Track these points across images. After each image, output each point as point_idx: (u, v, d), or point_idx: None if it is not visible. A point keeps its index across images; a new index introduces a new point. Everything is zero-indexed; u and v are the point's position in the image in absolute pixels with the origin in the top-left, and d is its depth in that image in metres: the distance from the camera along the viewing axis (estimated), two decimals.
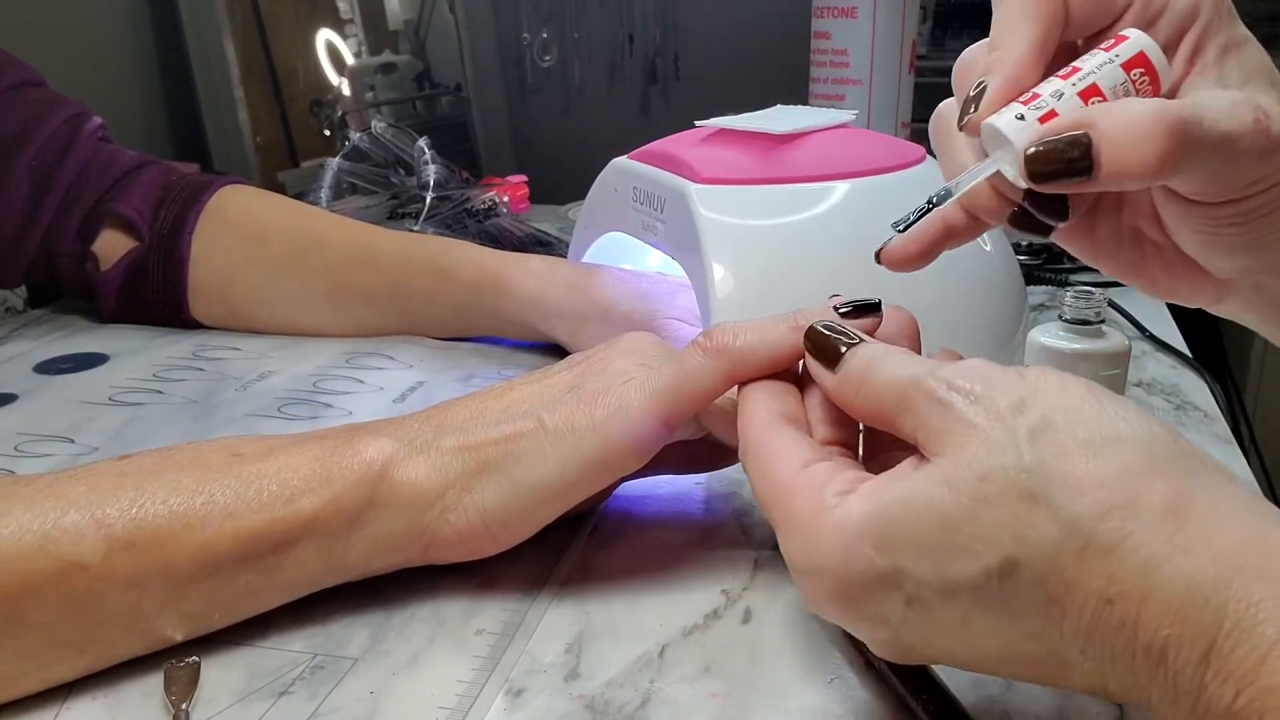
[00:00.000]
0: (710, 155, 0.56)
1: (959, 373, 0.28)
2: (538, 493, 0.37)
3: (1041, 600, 0.25)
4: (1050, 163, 0.30)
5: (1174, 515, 0.24)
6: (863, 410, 0.31)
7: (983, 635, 0.27)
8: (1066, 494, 0.25)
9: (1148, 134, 0.29)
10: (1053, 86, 0.32)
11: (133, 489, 0.35)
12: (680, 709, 0.33)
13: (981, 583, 0.26)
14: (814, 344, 0.33)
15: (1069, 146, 0.30)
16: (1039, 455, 0.25)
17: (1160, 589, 0.24)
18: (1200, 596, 0.23)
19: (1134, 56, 0.32)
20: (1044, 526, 0.25)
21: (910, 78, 0.97)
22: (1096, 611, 0.25)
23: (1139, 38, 0.32)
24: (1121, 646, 0.24)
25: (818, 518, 0.28)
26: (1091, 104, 0.31)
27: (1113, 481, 0.25)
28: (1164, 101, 0.30)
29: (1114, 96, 0.32)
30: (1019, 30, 0.33)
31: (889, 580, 0.27)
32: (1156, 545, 0.24)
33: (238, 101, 1.15)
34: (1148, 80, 0.32)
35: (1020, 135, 0.31)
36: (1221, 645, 0.23)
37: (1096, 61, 0.32)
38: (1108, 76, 0.32)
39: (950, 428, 0.27)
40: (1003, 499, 0.25)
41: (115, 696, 0.34)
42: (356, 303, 0.67)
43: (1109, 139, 0.30)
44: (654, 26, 1.36)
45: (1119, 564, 0.24)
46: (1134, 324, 0.69)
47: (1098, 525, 0.24)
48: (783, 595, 0.39)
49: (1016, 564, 0.25)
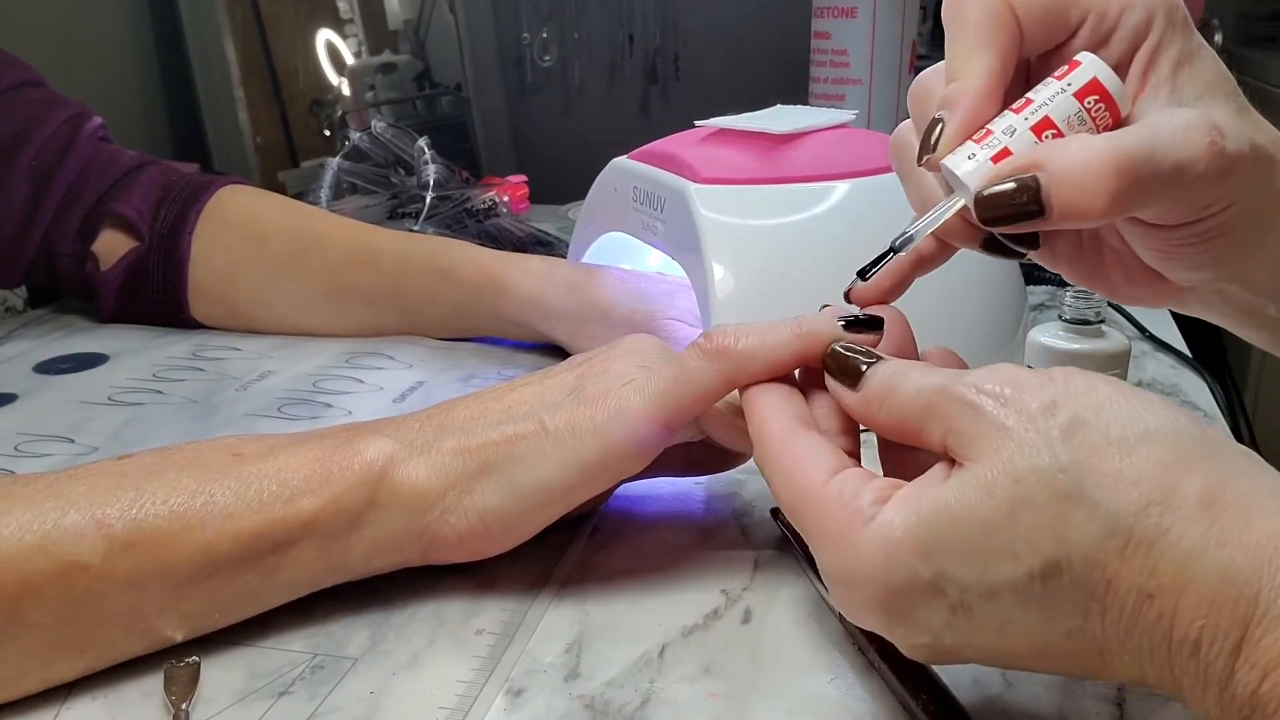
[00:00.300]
0: (710, 155, 0.56)
1: (987, 377, 0.28)
2: (538, 494, 0.37)
3: (1083, 599, 0.25)
4: (1001, 207, 0.31)
5: (1209, 508, 0.25)
6: (885, 423, 0.31)
7: (1023, 635, 0.27)
8: (1104, 491, 0.25)
9: (1097, 176, 0.29)
10: (1006, 122, 0.32)
11: (133, 489, 0.35)
12: (680, 709, 0.33)
13: (1024, 585, 0.26)
14: (835, 364, 0.33)
15: (1019, 192, 0.30)
16: (1074, 455, 0.26)
17: (1197, 582, 0.24)
18: (1235, 588, 0.24)
19: (1087, 84, 0.31)
20: (1084, 525, 0.25)
21: (910, 78, 0.97)
22: (1136, 606, 0.25)
23: (1091, 64, 0.31)
24: (1159, 639, 0.25)
25: (855, 529, 0.28)
26: (1045, 137, 0.31)
27: (1148, 477, 0.25)
28: (1112, 139, 0.30)
29: (1068, 128, 0.31)
30: (974, 60, 0.32)
31: (932, 588, 0.27)
32: (1194, 538, 0.24)
33: (238, 101, 1.15)
34: (1103, 107, 0.31)
35: (973, 177, 0.32)
36: (1252, 634, 0.23)
37: (1049, 92, 0.32)
38: (1060, 108, 0.31)
39: (983, 431, 0.27)
40: (1041, 500, 0.26)
41: (115, 696, 0.34)
42: (356, 303, 0.67)
43: (1057, 183, 0.30)
44: (654, 26, 1.35)
45: (1159, 558, 0.24)
46: (1134, 324, 0.69)
47: (1137, 521, 0.25)
48: (783, 595, 0.39)
49: (1058, 564, 0.25)
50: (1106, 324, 0.50)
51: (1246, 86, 0.33)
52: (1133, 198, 0.30)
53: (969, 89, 0.32)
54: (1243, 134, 0.31)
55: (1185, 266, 0.35)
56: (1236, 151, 0.31)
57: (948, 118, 0.32)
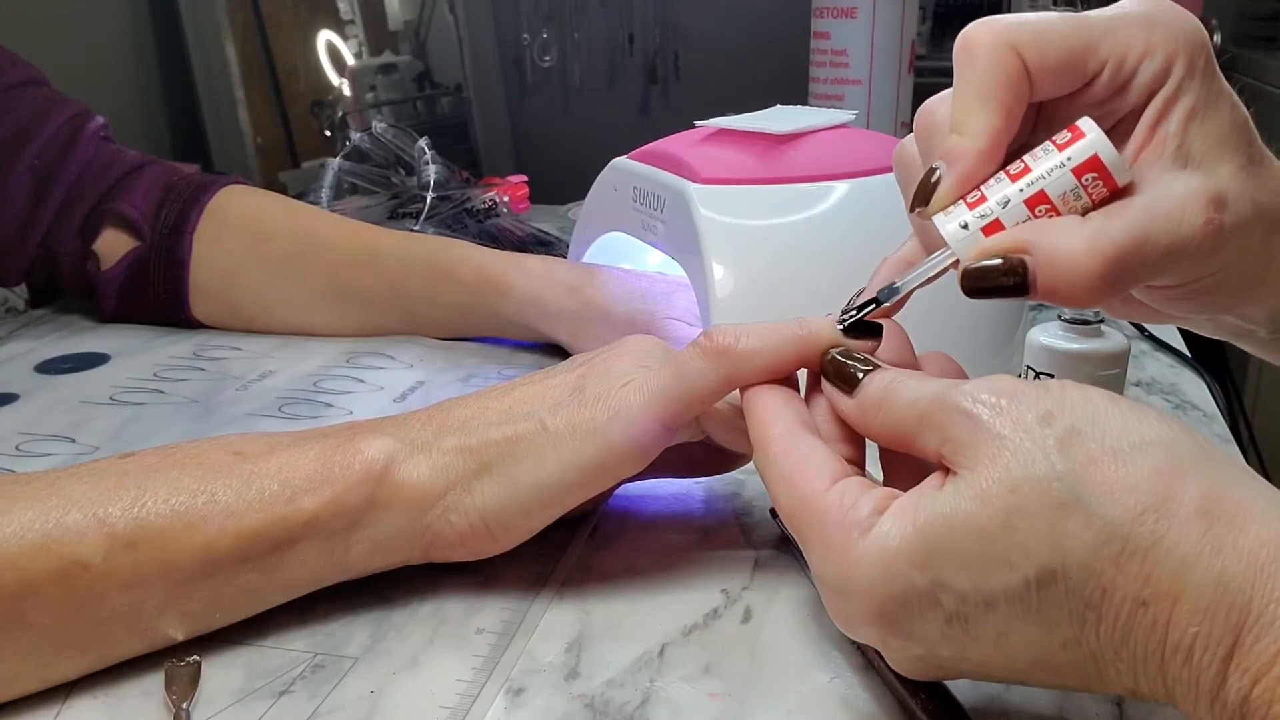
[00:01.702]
0: (710, 155, 0.57)
1: (984, 387, 0.28)
2: (538, 494, 0.37)
3: (1079, 607, 0.25)
4: (987, 281, 0.31)
5: (1204, 515, 0.25)
6: (880, 432, 0.31)
7: (1019, 646, 0.27)
8: (1100, 499, 0.25)
9: (1084, 268, 0.29)
10: (1001, 191, 0.32)
11: (134, 488, 0.35)
12: (680, 708, 0.33)
13: (1020, 594, 0.26)
14: (833, 370, 0.33)
15: (1005, 272, 0.30)
16: (1069, 464, 0.26)
17: (1192, 589, 0.24)
18: (1229, 594, 0.24)
19: (1086, 161, 0.31)
20: (1080, 533, 0.25)
21: (910, 78, 0.98)
22: (1131, 614, 0.25)
23: (1093, 139, 0.31)
24: (1153, 647, 0.25)
25: (853, 539, 0.28)
26: (1038, 212, 0.31)
27: (1143, 485, 0.25)
28: (1104, 232, 0.29)
29: (1063, 203, 0.31)
30: (978, 117, 0.32)
31: (929, 599, 0.27)
32: (1189, 545, 0.24)
33: (238, 102, 1.15)
34: (1100, 183, 0.31)
35: (963, 247, 0.32)
36: (1244, 640, 0.24)
37: (1048, 165, 0.31)
38: (1057, 183, 0.31)
39: (979, 440, 0.27)
40: (1036, 508, 0.26)
41: (115, 695, 0.34)
42: (356, 303, 0.67)
43: (1044, 268, 0.30)
44: (654, 26, 1.36)
45: (1154, 566, 0.25)
46: (1133, 323, 0.69)
47: (1133, 528, 0.25)
48: (782, 595, 0.39)
49: (1054, 572, 0.25)
50: (1106, 323, 0.50)
51: (1246, 87, 0.33)
52: (1120, 286, 0.30)
53: (970, 150, 0.32)
54: (1246, 196, 0.31)
55: (1177, 310, 0.35)
56: (1235, 223, 0.30)
57: (945, 173, 0.32)
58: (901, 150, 0.36)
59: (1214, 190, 0.30)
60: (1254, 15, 1.52)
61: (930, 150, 0.34)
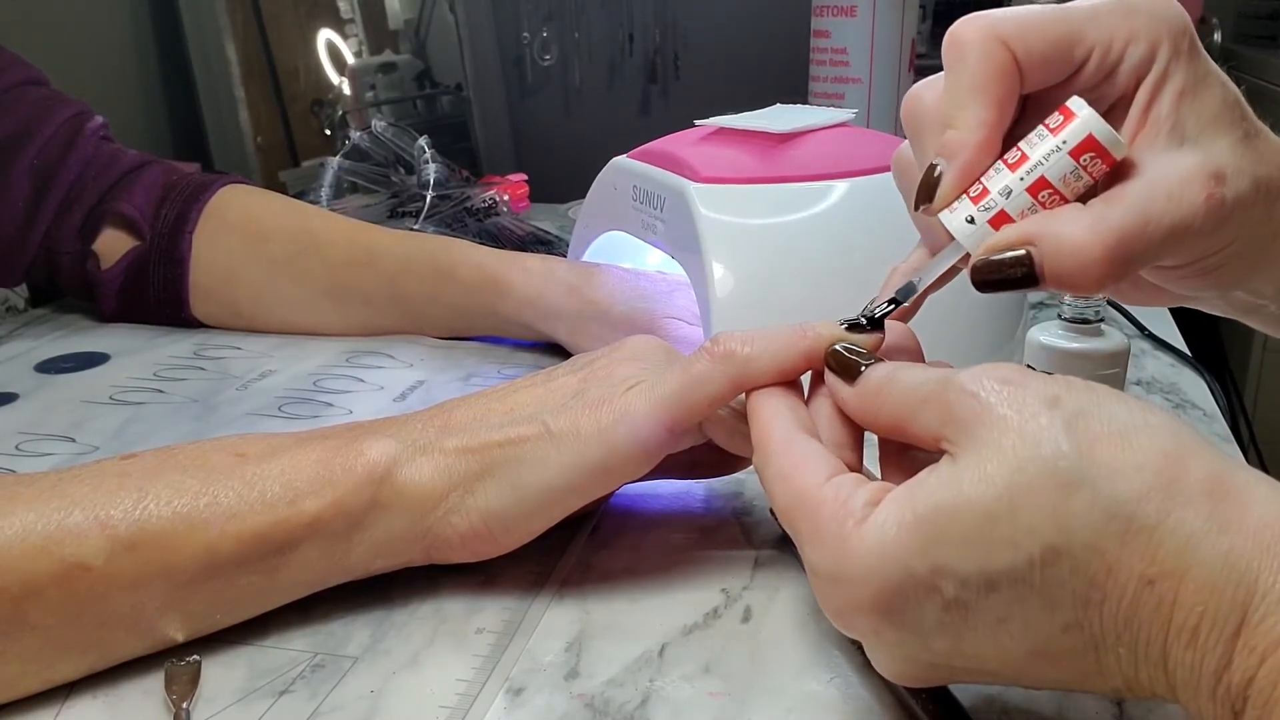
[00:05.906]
0: (710, 154, 0.57)
1: (990, 372, 0.28)
2: (540, 497, 0.37)
3: (1083, 586, 0.25)
4: (996, 274, 0.32)
5: (1209, 495, 0.25)
6: (879, 420, 0.31)
7: (1019, 632, 0.26)
8: (1106, 478, 0.25)
9: (1089, 256, 0.30)
10: (1002, 181, 0.32)
11: (136, 490, 0.35)
12: (680, 708, 0.33)
13: (1023, 574, 0.26)
14: (835, 362, 0.34)
15: (1013, 265, 0.31)
16: (1075, 444, 0.26)
17: (1198, 567, 0.24)
18: (1236, 572, 0.24)
19: (1082, 141, 0.31)
20: (1085, 512, 0.25)
21: (910, 76, 0.97)
22: (1136, 594, 0.25)
23: (1086, 118, 0.31)
24: (1158, 628, 0.25)
25: (848, 528, 0.28)
26: (1042, 197, 0.31)
27: (1150, 464, 0.25)
28: (1105, 218, 0.30)
29: (1064, 185, 0.31)
30: (971, 110, 0.32)
31: (927, 585, 0.27)
32: (1195, 523, 0.24)
33: (238, 101, 1.15)
34: (1099, 160, 0.31)
35: (970, 241, 0.32)
36: (1251, 618, 0.23)
37: (1044, 150, 0.31)
38: (1056, 167, 0.31)
39: (983, 420, 0.27)
40: (1041, 487, 0.26)
41: (116, 695, 0.34)
42: (356, 302, 0.67)
43: (1051, 259, 0.30)
44: (654, 26, 1.35)
45: (1159, 544, 0.24)
46: (1133, 322, 0.69)
47: (1139, 507, 0.25)
48: (783, 595, 0.39)
49: (1058, 551, 0.25)
50: (1106, 322, 0.50)
51: (1246, 86, 0.33)
52: (1127, 269, 0.30)
53: (967, 142, 0.32)
54: (1245, 170, 0.31)
55: (1186, 289, 0.35)
56: (1236, 196, 0.31)
57: (945, 169, 0.33)
58: (899, 156, 0.37)
59: (1212, 165, 0.31)
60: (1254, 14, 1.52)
61: (919, 135, 0.34)
